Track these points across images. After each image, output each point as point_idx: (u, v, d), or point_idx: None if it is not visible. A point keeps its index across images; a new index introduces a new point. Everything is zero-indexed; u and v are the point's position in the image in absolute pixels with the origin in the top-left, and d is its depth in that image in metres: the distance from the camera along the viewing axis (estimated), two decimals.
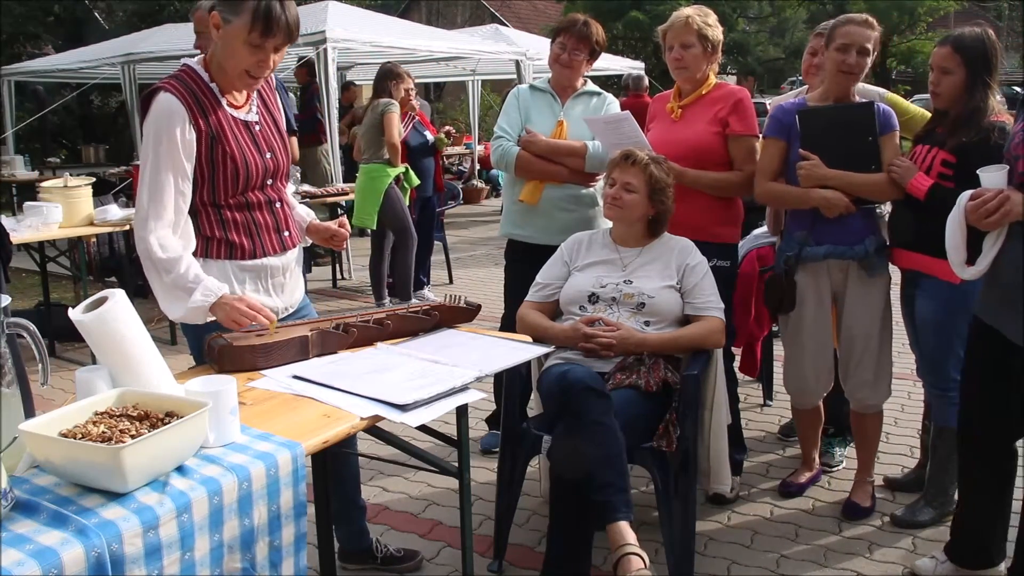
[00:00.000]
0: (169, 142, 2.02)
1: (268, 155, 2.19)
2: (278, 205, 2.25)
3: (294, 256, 2.32)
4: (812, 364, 2.94)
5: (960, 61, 2.57)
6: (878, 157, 2.69)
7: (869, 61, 2.72)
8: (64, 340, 5.25)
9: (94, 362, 1.64)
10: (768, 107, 3.64)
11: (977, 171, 2.22)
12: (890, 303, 2.88)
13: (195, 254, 2.09)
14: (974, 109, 2.55)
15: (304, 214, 2.42)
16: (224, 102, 2.12)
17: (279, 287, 2.27)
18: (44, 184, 5.16)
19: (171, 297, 2.04)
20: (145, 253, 2.03)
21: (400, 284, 5.70)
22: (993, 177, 2.18)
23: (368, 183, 5.53)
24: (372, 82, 5.90)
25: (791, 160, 2.79)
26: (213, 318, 2.03)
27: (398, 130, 5.46)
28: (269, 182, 2.21)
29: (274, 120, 2.26)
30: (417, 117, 6.06)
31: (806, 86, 3.29)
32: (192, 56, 2.17)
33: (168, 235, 2.04)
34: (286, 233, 2.27)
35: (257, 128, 2.18)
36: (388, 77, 5.56)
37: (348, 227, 2.41)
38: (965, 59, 2.57)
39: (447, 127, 6.01)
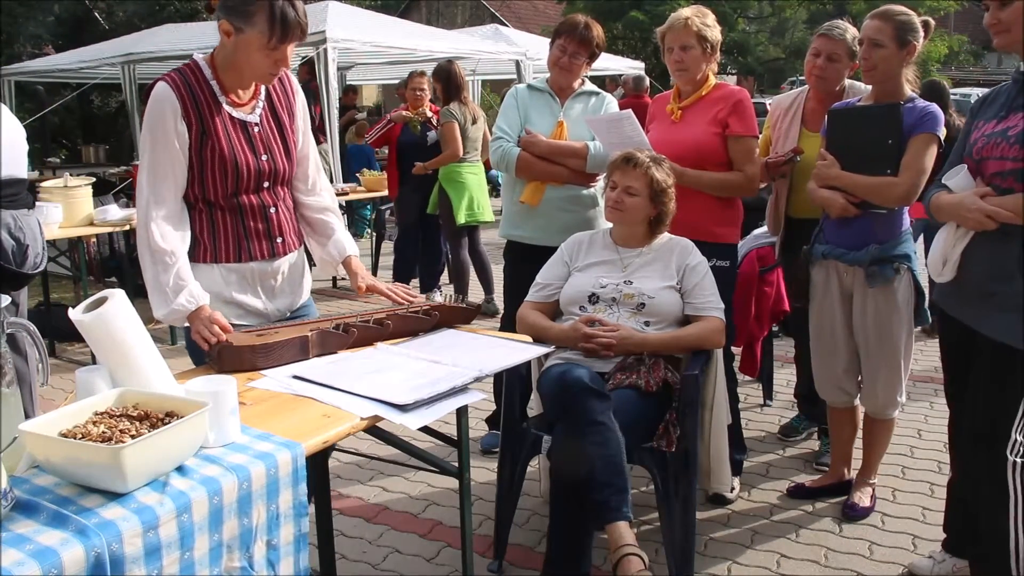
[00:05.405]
0: (164, 131, 2.03)
1: (264, 157, 2.15)
2: (272, 211, 2.21)
3: (287, 261, 2.28)
4: (821, 360, 2.96)
5: None
6: (895, 161, 2.63)
7: (876, 54, 2.65)
8: (64, 340, 5.25)
9: (94, 362, 1.64)
10: (768, 107, 3.63)
11: (943, 179, 2.21)
12: (904, 316, 2.77)
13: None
14: None
15: (345, 246, 2.35)
16: (223, 100, 2.10)
17: (269, 290, 2.25)
18: (44, 184, 5.16)
19: (158, 293, 2.03)
20: (144, 241, 2.03)
21: (487, 276, 5.91)
22: (961, 181, 2.16)
23: (483, 179, 5.90)
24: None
25: None
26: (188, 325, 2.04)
27: None
28: (265, 185, 2.18)
29: (279, 124, 2.21)
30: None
31: (806, 86, 3.29)
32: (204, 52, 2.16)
33: (169, 229, 2.04)
34: (279, 239, 2.23)
35: (256, 129, 2.15)
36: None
37: (414, 295, 2.40)
38: None
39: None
